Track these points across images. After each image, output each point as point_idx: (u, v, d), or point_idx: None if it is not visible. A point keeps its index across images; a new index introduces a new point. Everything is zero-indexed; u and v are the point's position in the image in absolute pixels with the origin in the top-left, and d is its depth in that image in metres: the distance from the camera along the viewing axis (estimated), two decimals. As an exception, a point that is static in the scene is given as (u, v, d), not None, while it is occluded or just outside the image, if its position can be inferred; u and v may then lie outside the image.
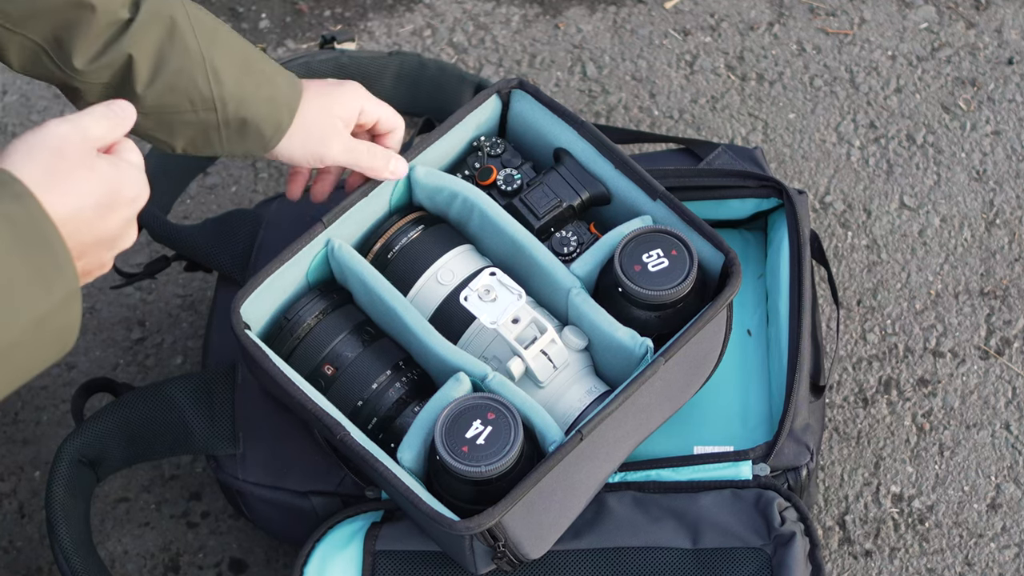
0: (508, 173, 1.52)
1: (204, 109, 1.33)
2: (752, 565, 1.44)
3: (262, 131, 1.37)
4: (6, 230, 0.97)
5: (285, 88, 1.38)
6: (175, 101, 1.32)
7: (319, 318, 1.43)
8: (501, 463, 1.29)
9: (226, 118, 1.35)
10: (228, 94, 1.33)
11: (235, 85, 1.33)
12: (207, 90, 1.32)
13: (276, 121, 1.38)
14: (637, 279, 1.40)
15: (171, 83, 1.31)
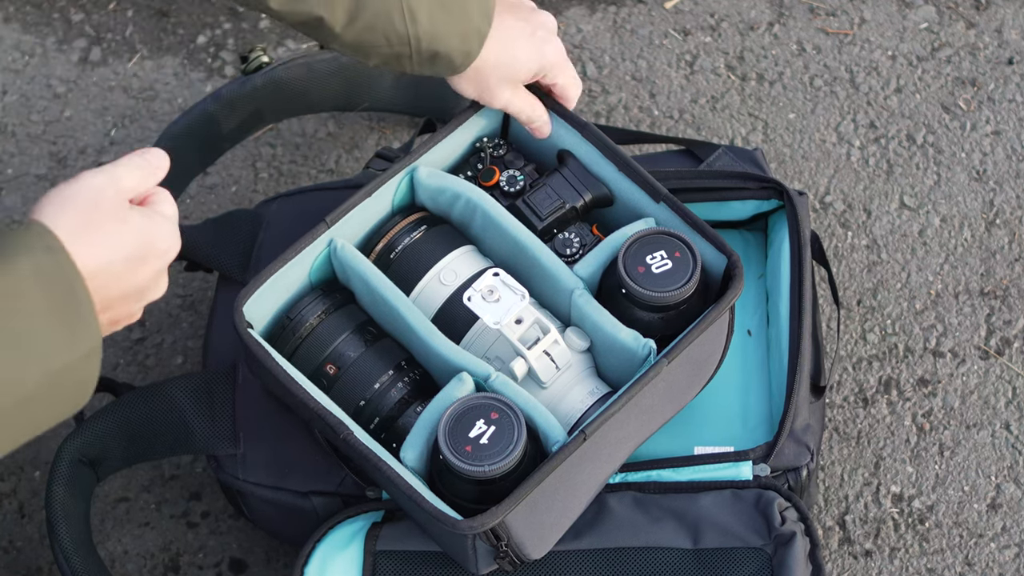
0: (511, 174, 1.52)
1: (399, 44, 1.37)
2: (752, 565, 1.44)
3: (452, 60, 1.41)
4: (35, 283, 0.98)
5: (477, 18, 1.40)
6: (372, 39, 1.37)
7: (321, 318, 1.44)
8: (504, 463, 1.30)
9: (419, 51, 1.38)
10: (422, 32, 1.37)
11: (429, 22, 1.37)
12: (403, 29, 1.36)
13: (465, 51, 1.41)
14: (641, 281, 1.40)
15: (369, 24, 1.35)
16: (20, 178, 1.97)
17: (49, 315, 0.98)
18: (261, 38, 2.08)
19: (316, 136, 1.99)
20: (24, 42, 2.08)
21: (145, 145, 1.94)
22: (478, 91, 1.47)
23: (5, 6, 2.10)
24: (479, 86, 1.46)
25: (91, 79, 2.05)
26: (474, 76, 1.45)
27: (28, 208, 1.94)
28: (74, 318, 1.00)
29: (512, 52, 1.45)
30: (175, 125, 1.74)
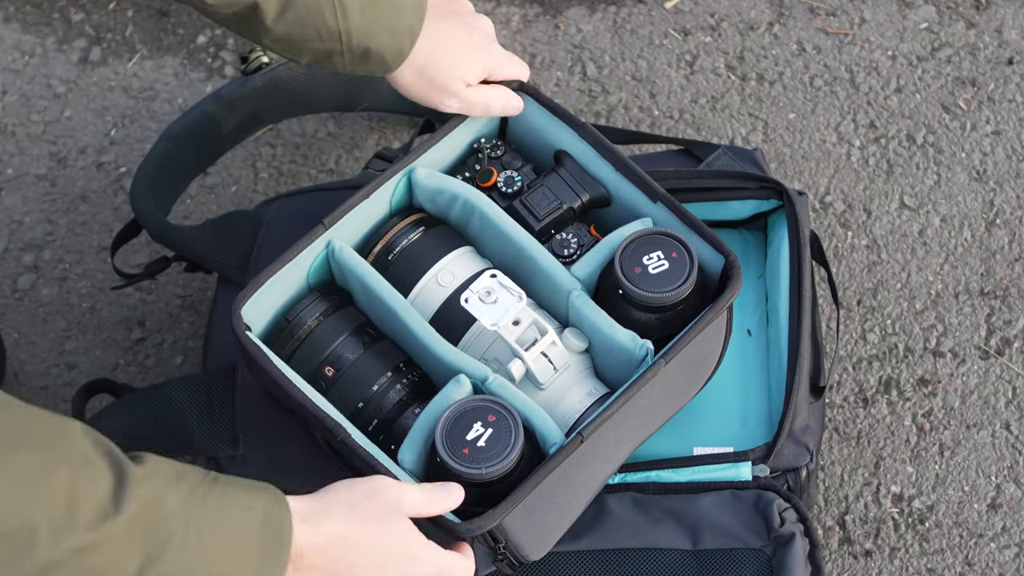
0: (508, 175, 1.52)
1: (330, 39, 1.38)
2: (752, 566, 1.44)
3: (384, 58, 1.42)
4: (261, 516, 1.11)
5: (409, 14, 1.41)
6: (303, 32, 1.37)
7: (320, 320, 1.44)
8: (502, 465, 1.29)
9: (350, 47, 1.39)
10: (353, 27, 1.37)
11: (360, 17, 1.37)
12: (333, 23, 1.36)
13: (397, 48, 1.41)
14: (637, 281, 1.40)
15: (300, 16, 1.36)
16: (20, 178, 1.97)
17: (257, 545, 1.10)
18: (261, 38, 2.08)
19: (316, 136, 1.99)
20: (24, 42, 2.08)
21: (146, 146, 1.95)
22: (427, 96, 1.48)
23: (5, 6, 2.11)
24: (427, 92, 1.47)
25: (91, 79, 2.05)
26: (418, 80, 1.46)
27: (28, 208, 1.94)
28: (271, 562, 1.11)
29: (453, 56, 1.46)
30: (175, 125, 1.74)
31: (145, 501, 1.03)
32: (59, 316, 1.87)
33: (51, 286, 1.89)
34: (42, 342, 1.85)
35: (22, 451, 0.99)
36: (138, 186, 1.68)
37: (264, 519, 1.12)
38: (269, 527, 1.12)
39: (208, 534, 1.07)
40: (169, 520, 1.04)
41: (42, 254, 1.91)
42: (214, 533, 1.07)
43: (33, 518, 0.97)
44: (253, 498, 1.12)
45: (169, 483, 1.06)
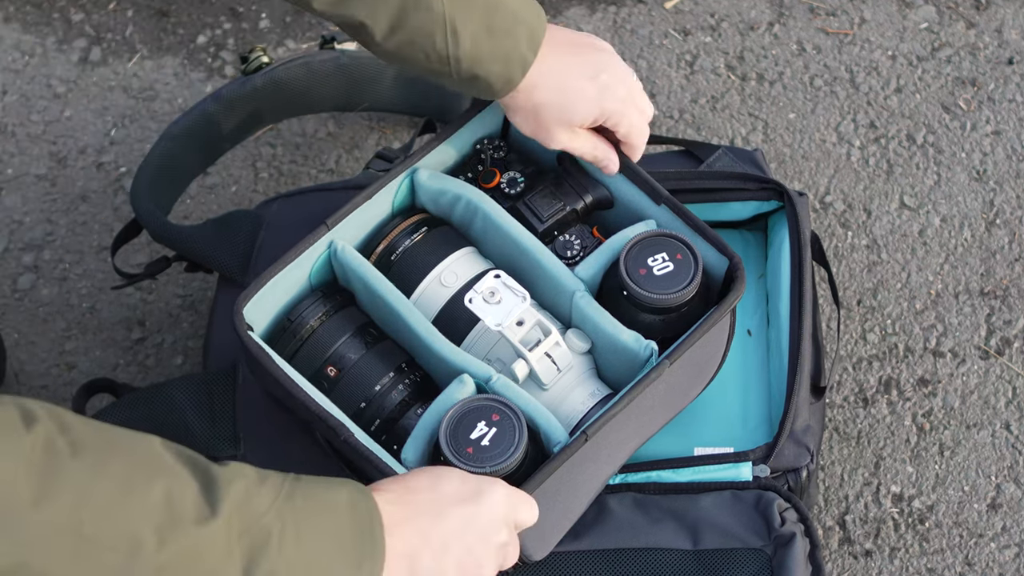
0: (511, 176, 1.52)
1: (438, 62, 1.35)
2: (752, 566, 1.44)
3: (492, 85, 1.38)
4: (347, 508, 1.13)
5: (523, 46, 1.37)
6: (411, 53, 1.35)
7: (322, 320, 1.43)
8: (506, 464, 1.29)
9: (459, 71, 1.36)
10: (463, 53, 1.34)
11: (471, 44, 1.34)
12: (443, 48, 1.34)
13: (506, 78, 1.38)
14: (642, 283, 1.40)
15: (410, 38, 1.34)
16: (20, 178, 1.97)
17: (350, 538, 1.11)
18: (261, 38, 2.08)
19: (316, 136, 1.99)
20: (24, 42, 2.08)
21: (146, 146, 1.95)
22: (533, 130, 1.44)
23: (5, 6, 2.10)
24: (535, 125, 1.43)
25: (91, 79, 2.05)
26: (528, 113, 1.42)
27: (28, 208, 1.94)
28: (367, 554, 1.12)
29: (567, 95, 1.41)
30: (175, 125, 1.74)
31: (237, 502, 1.04)
32: (59, 316, 1.87)
33: (51, 286, 1.89)
34: (42, 342, 1.85)
35: (114, 461, 1.00)
36: (138, 186, 1.68)
37: (352, 509, 1.12)
38: (359, 517, 1.13)
39: (304, 530, 1.08)
40: (262, 518, 1.05)
41: (42, 254, 1.91)
42: (309, 529, 1.08)
43: (138, 524, 0.99)
44: (336, 491, 1.13)
45: (255, 484, 1.07)
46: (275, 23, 2.09)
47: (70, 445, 0.97)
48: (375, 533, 1.13)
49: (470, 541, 1.19)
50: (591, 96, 1.42)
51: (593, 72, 1.41)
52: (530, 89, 1.39)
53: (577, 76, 1.41)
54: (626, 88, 1.44)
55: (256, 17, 2.10)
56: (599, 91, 1.42)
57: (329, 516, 1.10)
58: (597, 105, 1.42)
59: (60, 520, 0.96)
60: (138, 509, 0.99)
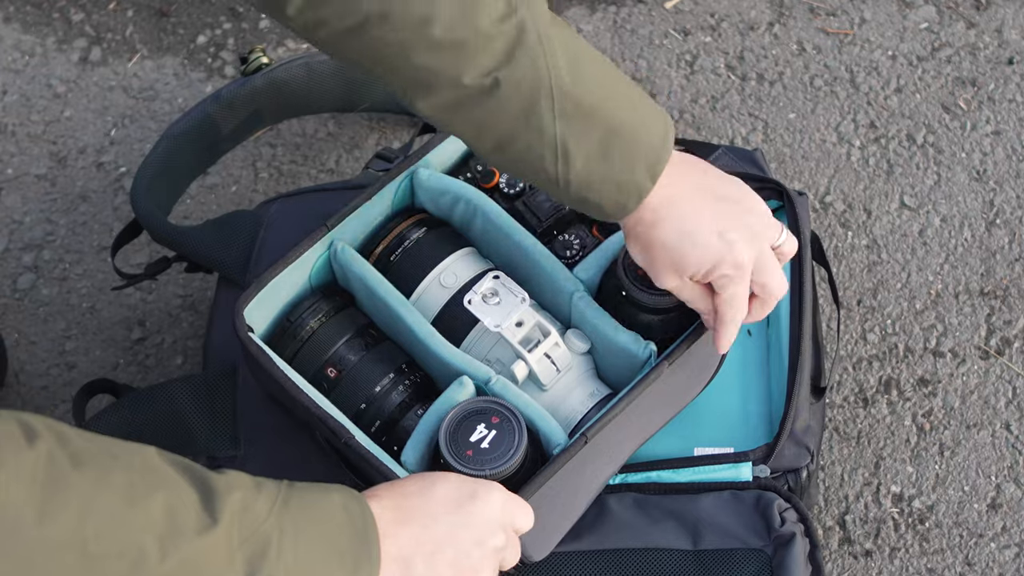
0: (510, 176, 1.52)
1: (546, 181, 1.25)
2: (752, 566, 1.44)
3: (603, 208, 1.26)
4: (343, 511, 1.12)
5: (640, 174, 1.24)
6: (519, 170, 1.26)
7: (322, 321, 1.43)
8: (505, 467, 1.29)
9: (567, 192, 1.25)
10: (574, 176, 1.23)
11: (584, 168, 1.23)
12: (553, 171, 1.23)
13: (620, 204, 1.26)
14: (640, 283, 1.40)
15: (516, 157, 1.24)
16: (20, 178, 1.97)
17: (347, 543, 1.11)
18: (261, 38, 2.08)
19: (316, 136, 1.99)
20: (24, 42, 2.08)
21: (146, 146, 1.95)
22: (645, 264, 1.32)
23: (5, 6, 2.10)
24: (647, 260, 1.32)
25: (91, 79, 2.05)
26: (643, 246, 1.30)
27: (28, 208, 1.94)
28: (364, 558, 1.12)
29: (684, 244, 1.28)
30: (175, 126, 1.74)
31: (236, 510, 1.04)
32: (59, 316, 1.87)
33: (51, 286, 1.89)
34: (42, 342, 1.85)
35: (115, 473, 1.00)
36: (138, 187, 1.68)
37: (347, 514, 1.12)
38: (354, 521, 1.13)
39: (301, 536, 1.08)
40: (261, 526, 1.05)
41: (42, 254, 1.91)
42: (306, 535, 1.08)
43: (141, 536, 0.99)
44: (331, 497, 1.13)
45: (252, 491, 1.07)
46: (275, 23, 2.09)
47: (71, 459, 0.97)
48: (370, 537, 1.13)
49: (464, 545, 1.19)
50: (709, 249, 1.29)
51: (724, 223, 1.29)
52: (650, 223, 1.28)
53: (702, 219, 1.28)
54: (754, 253, 1.31)
55: (256, 17, 2.10)
56: (721, 246, 1.29)
57: (325, 521, 1.10)
58: (712, 261, 1.29)
59: (64, 536, 0.95)
60: (141, 521, 0.99)
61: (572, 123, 1.21)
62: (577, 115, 1.21)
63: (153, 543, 0.99)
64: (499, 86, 1.19)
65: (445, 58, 1.18)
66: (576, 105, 1.21)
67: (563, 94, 1.20)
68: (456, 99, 1.20)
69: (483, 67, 1.18)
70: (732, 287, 1.30)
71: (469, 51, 1.17)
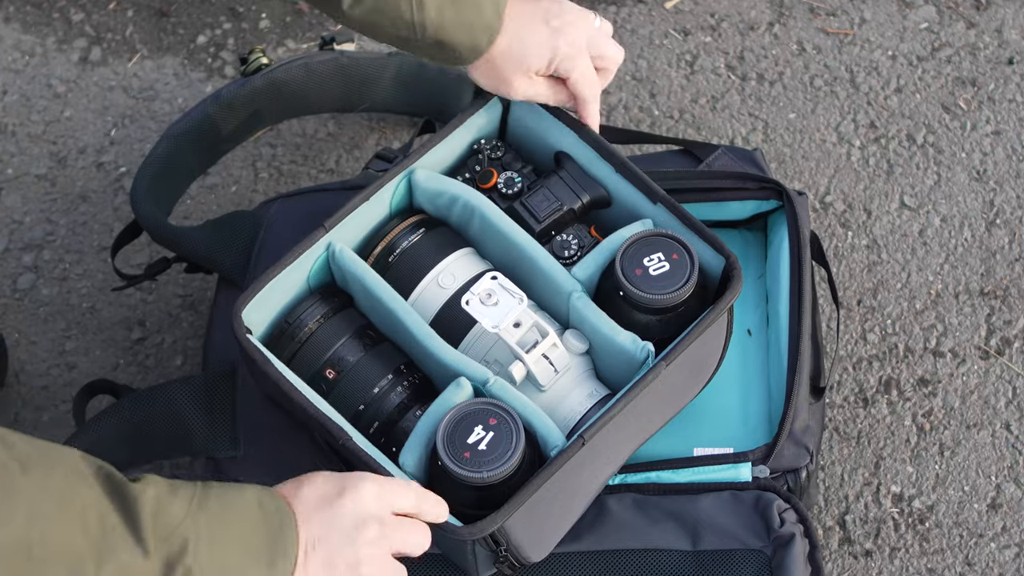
0: (509, 176, 1.52)
1: (405, 29, 1.38)
2: (752, 566, 1.45)
3: (458, 52, 1.42)
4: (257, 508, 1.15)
5: (488, 13, 1.40)
6: (377, 20, 1.38)
7: (320, 322, 1.43)
8: (503, 469, 1.30)
9: (424, 38, 1.39)
10: (428, 20, 1.37)
11: (436, 12, 1.37)
12: (408, 15, 1.37)
13: (472, 44, 1.41)
14: (638, 283, 1.40)
15: (376, 6, 1.36)
16: (20, 178, 1.97)
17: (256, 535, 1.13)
18: (261, 38, 2.08)
19: (316, 136, 1.99)
20: (24, 42, 2.08)
21: (146, 146, 1.95)
22: (493, 84, 1.48)
23: (5, 6, 2.10)
24: (494, 79, 1.47)
25: (91, 79, 2.05)
26: (487, 68, 1.46)
27: (28, 208, 1.94)
28: (278, 551, 1.15)
29: (523, 42, 1.44)
30: (175, 127, 1.74)
31: (152, 513, 1.06)
32: (59, 316, 1.87)
33: (51, 286, 1.89)
34: (42, 342, 1.85)
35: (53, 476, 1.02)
36: (138, 188, 1.68)
37: (261, 508, 1.14)
38: (269, 517, 1.15)
39: (218, 535, 1.10)
40: (178, 527, 1.07)
41: (42, 254, 1.91)
42: (223, 533, 1.10)
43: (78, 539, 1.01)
44: (245, 494, 1.15)
45: (168, 494, 1.09)
46: (275, 23, 2.09)
47: (18, 462, 0.99)
48: (287, 533, 1.16)
49: (335, 542, 1.19)
50: (543, 40, 1.44)
51: (546, 16, 1.44)
52: (492, 52, 1.43)
53: (530, 22, 1.44)
54: (583, 35, 1.47)
55: (256, 17, 2.10)
56: (551, 34, 1.44)
57: (241, 521, 1.13)
58: (549, 48, 1.44)
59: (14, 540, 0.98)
60: (77, 527, 1.01)
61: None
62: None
63: (89, 550, 1.01)
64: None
65: None
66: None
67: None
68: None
69: None
70: (577, 66, 1.46)
71: None
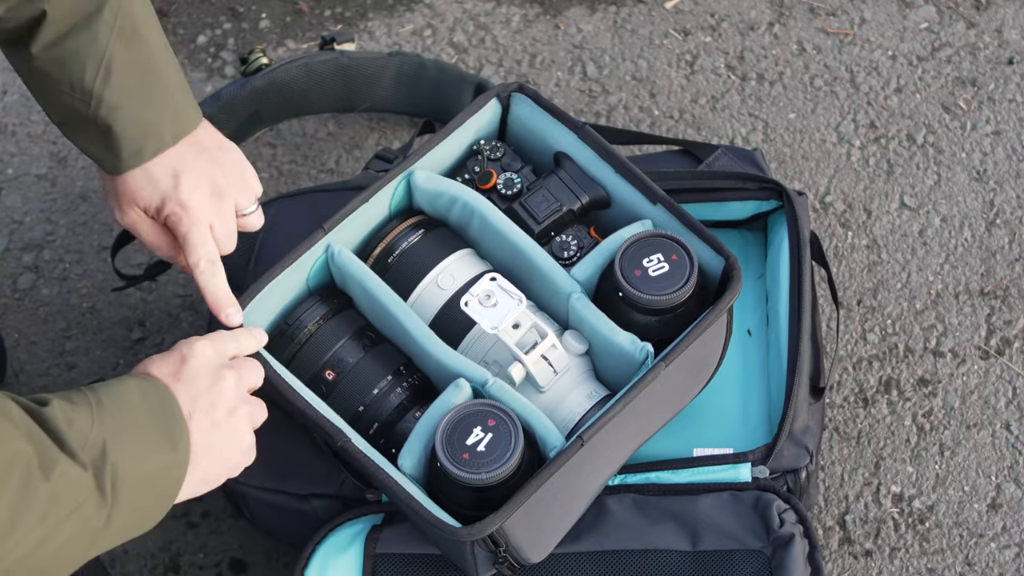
0: (508, 177, 1.52)
1: (80, 98, 1.31)
2: (751, 567, 1.44)
3: (120, 149, 1.33)
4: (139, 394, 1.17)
5: (167, 126, 1.34)
6: (59, 75, 1.30)
7: (320, 323, 1.43)
8: (502, 470, 1.30)
9: (96, 116, 1.31)
10: (107, 96, 1.30)
11: (120, 93, 1.30)
12: (91, 81, 1.29)
13: (137, 148, 1.34)
14: (637, 284, 1.40)
15: (61, 57, 1.29)
16: (20, 178, 1.97)
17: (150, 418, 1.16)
18: (261, 38, 2.08)
19: (316, 136, 1.99)
20: (24, 42, 2.08)
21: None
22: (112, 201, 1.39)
23: (5, 6, 2.11)
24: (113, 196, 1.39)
25: (91, 79, 2.05)
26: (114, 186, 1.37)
27: (28, 208, 1.94)
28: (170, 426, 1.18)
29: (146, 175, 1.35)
30: (175, 127, 1.74)
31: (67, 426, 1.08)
32: (59, 316, 1.87)
33: (51, 286, 1.89)
34: (42, 342, 1.86)
35: None
36: (138, 188, 1.68)
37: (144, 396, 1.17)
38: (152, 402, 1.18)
39: (124, 432, 1.12)
40: (90, 433, 1.10)
41: (42, 254, 1.91)
42: (128, 429, 1.13)
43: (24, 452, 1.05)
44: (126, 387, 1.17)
45: (70, 408, 1.11)
46: (275, 23, 2.09)
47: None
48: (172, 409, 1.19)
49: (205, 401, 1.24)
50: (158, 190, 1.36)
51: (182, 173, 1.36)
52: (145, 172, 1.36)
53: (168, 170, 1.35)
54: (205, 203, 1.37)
55: (256, 17, 2.10)
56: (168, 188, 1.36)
57: (135, 411, 1.15)
58: (160, 199, 1.36)
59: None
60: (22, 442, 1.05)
61: (124, 46, 1.29)
62: (132, 40, 1.29)
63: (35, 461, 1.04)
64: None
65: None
66: (134, 29, 1.29)
67: (126, 14, 1.28)
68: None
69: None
70: (182, 228, 1.36)
71: None
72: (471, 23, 2.09)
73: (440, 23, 2.09)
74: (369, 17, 2.11)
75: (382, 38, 2.08)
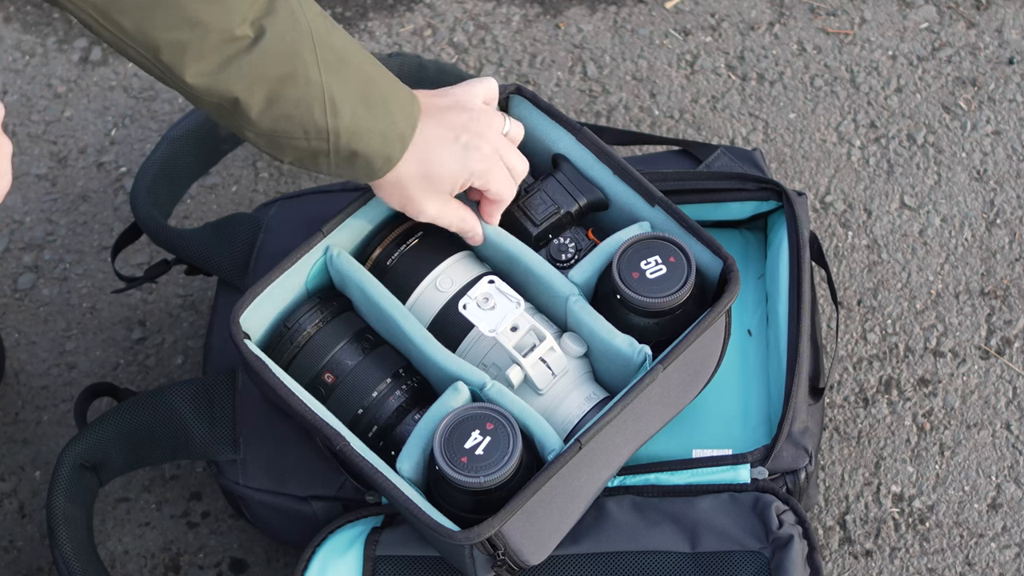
0: (506, 179, 1.52)
1: (317, 138, 1.30)
2: (750, 568, 1.44)
3: (371, 163, 1.34)
4: None
5: (400, 121, 1.35)
6: (288, 128, 1.30)
7: (319, 326, 1.43)
8: (500, 473, 1.30)
9: (337, 148, 1.32)
10: (343, 127, 1.30)
11: (351, 118, 1.31)
12: (323, 122, 1.29)
13: (386, 155, 1.35)
14: (635, 286, 1.40)
15: (287, 112, 1.28)
16: (20, 178, 1.97)
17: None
18: (261, 38, 2.08)
19: (316, 136, 1.99)
20: (24, 42, 2.08)
21: (146, 146, 1.95)
22: (402, 203, 1.41)
23: (5, 6, 2.11)
24: (402, 198, 1.40)
25: (91, 79, 2.05)
26: (396, 189, 1.39)
27: (28, 208, 1.94)
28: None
29: (432, 165, 1.38)
30: (175, 128, 1.74)
31: None
32: (59, 316, 1.87)
33: (51, 286, 1.90)
34: (42, 342, 1.86)
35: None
36: (138, 190, 1.68)
37: None
38: None
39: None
40: None
41: (42, 254, 1.92)
42: None
43: None
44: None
45: None
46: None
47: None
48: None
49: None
50: (455, 164, 1.39)
51: (455, 135, 1.39)
52: (400, 168, 1.37)
53: (442, 144, 1.38)
54: (490, 145, 1.41)
55: (256, 17, 2.10)
56: (462, 152, 1.39)
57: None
58: (462, 171, 1.39)
59: None
60: None
61: (334, 71, 1.29)
62: (337, 63, 1.29)
63: None
64: (264, 34, 1.25)
65: (212, 9, 1.22)
66: (334, 53, 1.29)
67: (322, 42, 1.28)
68: (226, 56, 1.24)
69: (248, 15, 1.24)
70: (493, 178, 1.41)
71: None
72: (471, 23, 2.09)
73: (440, 23, 2.09)
74: (369, 17, 2.11)
75: (382, 38, 2.08)
